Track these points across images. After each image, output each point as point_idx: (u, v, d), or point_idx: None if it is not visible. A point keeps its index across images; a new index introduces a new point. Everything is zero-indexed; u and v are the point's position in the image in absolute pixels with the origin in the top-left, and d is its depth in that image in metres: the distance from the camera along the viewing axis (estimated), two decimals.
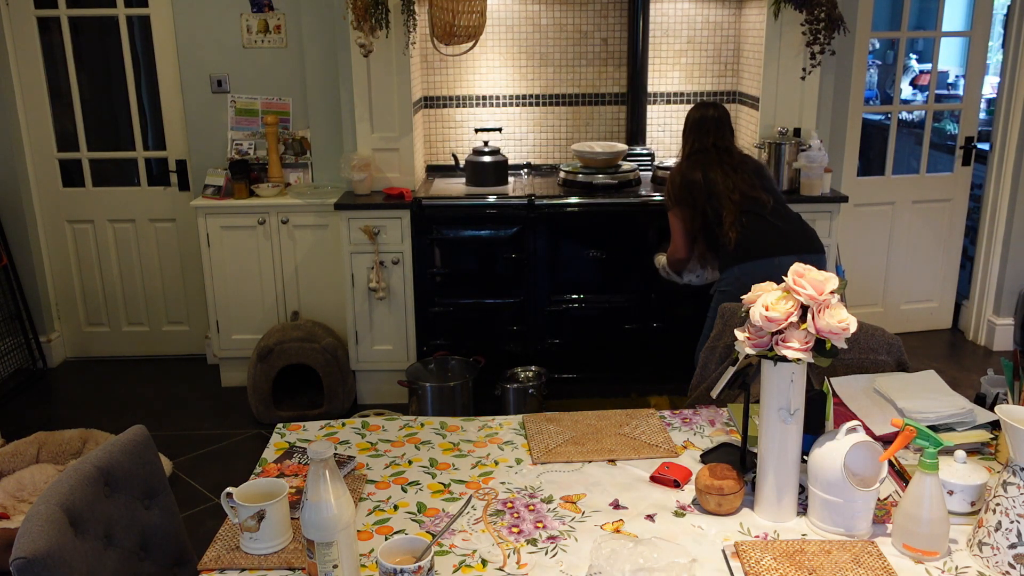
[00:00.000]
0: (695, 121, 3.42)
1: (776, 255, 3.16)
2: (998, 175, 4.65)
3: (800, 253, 3.12)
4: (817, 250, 3.26)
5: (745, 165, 3.34)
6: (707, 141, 3.37)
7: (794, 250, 3.16)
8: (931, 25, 5.04)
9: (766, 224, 3.23)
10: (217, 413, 4.13)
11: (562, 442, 2.03)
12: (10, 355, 4.45)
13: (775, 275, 2.97)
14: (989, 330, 4.78)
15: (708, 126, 3.39)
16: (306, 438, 2.09)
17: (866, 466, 1.67)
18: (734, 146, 3.44)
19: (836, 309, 1.61)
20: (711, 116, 3.41)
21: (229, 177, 4.19)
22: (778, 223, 3.25)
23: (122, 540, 1.70)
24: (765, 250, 3.19)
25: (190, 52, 4.28)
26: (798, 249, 3.18)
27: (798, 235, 3.26)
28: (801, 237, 3.26)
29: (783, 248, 3.18)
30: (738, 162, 3.33)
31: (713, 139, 3.38)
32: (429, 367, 3.83)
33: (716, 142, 3.37)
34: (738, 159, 3.36)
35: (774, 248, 3.19)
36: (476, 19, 3.75)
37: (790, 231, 3.25)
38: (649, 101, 4.46)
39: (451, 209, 3.90)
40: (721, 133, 3.39)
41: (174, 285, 4.69)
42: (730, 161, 3.32)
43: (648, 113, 4.45)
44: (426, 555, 1.43)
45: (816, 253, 3.24)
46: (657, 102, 4.50)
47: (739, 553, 1.57)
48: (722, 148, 3.37)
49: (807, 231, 3.31)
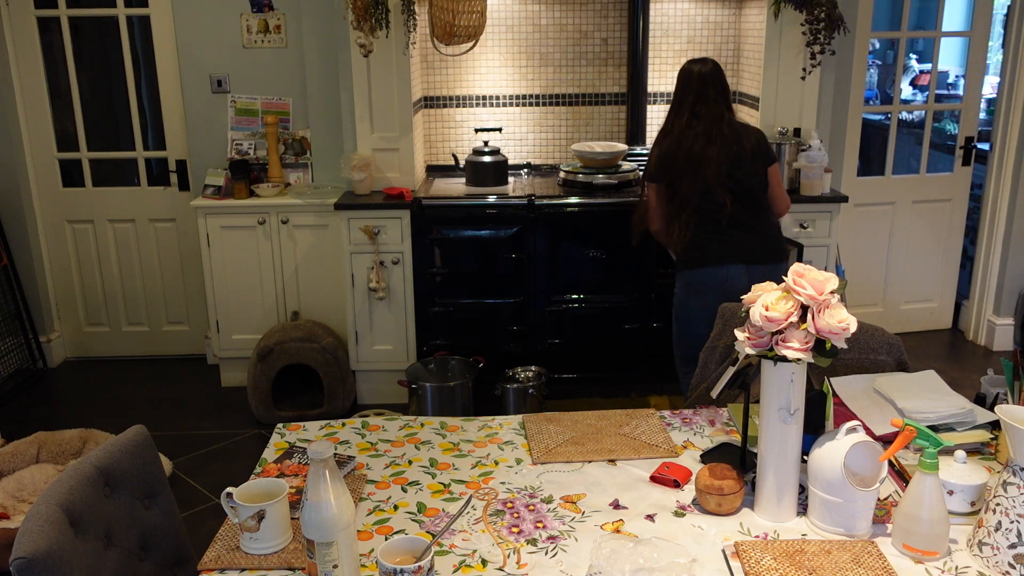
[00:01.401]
0: (679, 79, 3.13)
1: (726, 264, 2.99)
2: (998, 175, 4.65)
3: (757, 264, 2.96)
4: (776, 259, 3.04)
5: (727, 144, 3.02)
6: (685, 104, 3.07)
7: (749, 259, 2.99)
8: (931, 25, 5.04)
9: (719, 231, 3.02)
10: (217, 413, 4.13)
11: (562, 442, 2.02)
12: (10, 355, 4.45)
13: (724, 286, 2.95)
14: (989, 330, 4.78)
15: (691, 86, 3.08)
16: (306, 438, 2.09)
17: (866, 466, 1.67)
18: (722, 114, 3.08)
19: (836, 309, 1.61)
20: (696, 73, 3.09)
21: (229, 177, 4.20)
22: (733, 231, 3.01)
23: (122, 540, 1.70)
24: (717, 259, 3.00)
25: (190, 52, 4.28)
26: (752, 259, 2.99)
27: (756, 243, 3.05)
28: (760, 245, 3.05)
29: (736, 258, 2.99)
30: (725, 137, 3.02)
31: (692, 101, 3.05)
32: (429, 367, 3.83)
33: (698, 108, 3.05)
34: (727, 134, 3.04)
35: (726, 257, 3.00)
36: (476, 19, 3.75)
37: (746, 239, 3.03)
38: (649, 101, 4.46)
39: (451, 209, 3.90)
40: (703, 95, 3.06)
41: (174, 285, 4.69)
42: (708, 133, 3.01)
43: (648, 113, 4.45)
44: (426, 555, 1.42)
45: (775, 263, 3.01)
46: (657, 102, 4.50)
47: (739, 553, 1.57)
48: (706, 117, 3.04)
49: (769, 236, 3.09)
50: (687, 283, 3.08)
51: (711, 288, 2.98)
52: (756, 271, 2.90)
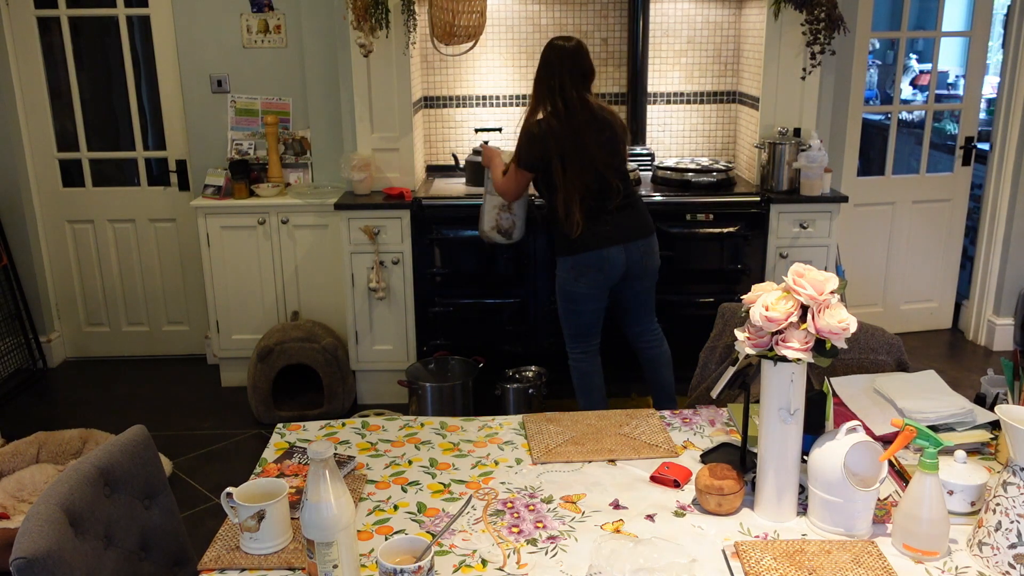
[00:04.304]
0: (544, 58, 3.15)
1: (606, 247, 3.18)
2: (998, 175, 4.65)
3: (629, 242, 3.19)
4: (647, 234, 3.26)
5: (603, 129, 3.14)
6: (555, 84, 3.10)
7: (626, 238, 3.19)
8: (931, 25, 5.04)
9: (608, 215, 3.18)
10: (217, 413, 4.13)
11: (562, 442, 2.03)
12: (10, 355, 4.45)
13: (605, 265, 3.19)
14: (989, 330, 4.78)
15: (557, 65, 3.10)
16: (306, 438, 2.09)
17: (866, 466, 1.67)
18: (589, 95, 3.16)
19: (836, 309, 1.61)
20: (565, 49, 3.11)
21: (229, 177, 4.20)
22: (619, 213, 3.19)
23: (122, 540, 1.70)
24: (600, 242, 3.18)
25: (190, 52, 4.28)
26: (627, 238, 3.20)
27: (633, 221, 3.24)
28: (635, 223, 3.24)
29: (616, 239, 3.18)
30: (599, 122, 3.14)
31: (559, 83, 3.10)
32: (429, 367, 3.83)
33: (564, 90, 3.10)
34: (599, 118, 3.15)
35: (608, 240, 3.18)
36: (476, 19, 3.75)
37: (626, 220, 3.22)
38: (649, 101, 4.45)
39: (451, 209, 3.90)
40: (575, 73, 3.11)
41: (174, 285, 4.69)
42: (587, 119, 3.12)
43: (648, 113, 4.45)
44: (426, 555, 1.43)
45: (645, 238, 3.25)
46: (657, 102, 4.50)
47: (739, 553, 1.57)
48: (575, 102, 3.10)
49: (641, 212, 3.28)
50: (571, 266, 3.24)
51: (595, 268, 3.23)
52: (632, 248, 3.23)
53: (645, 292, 3.38)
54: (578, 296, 3.30)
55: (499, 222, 3.49)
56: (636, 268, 3.28)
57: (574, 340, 3.44)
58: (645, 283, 3.36)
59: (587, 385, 3.50)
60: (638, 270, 3.29)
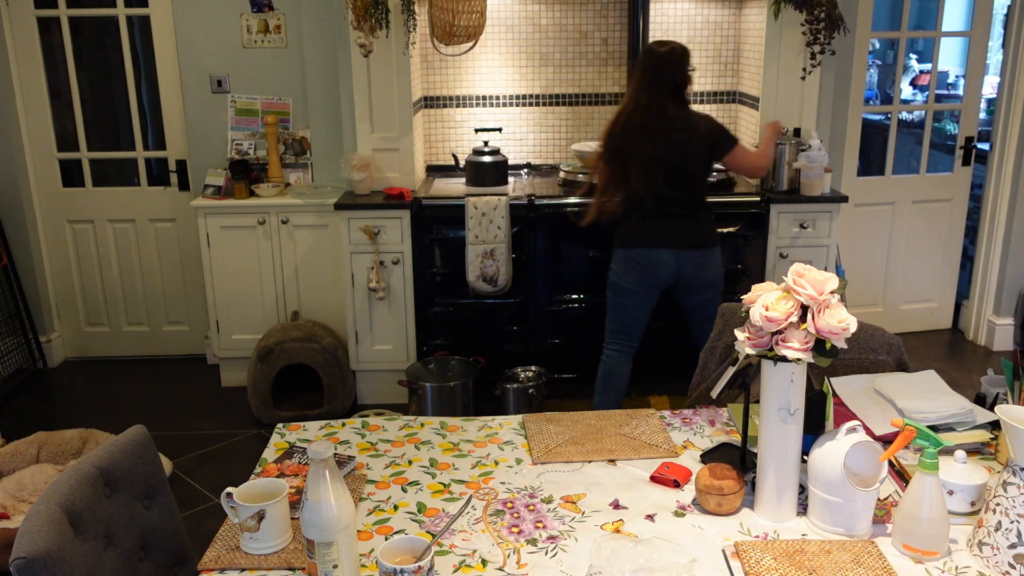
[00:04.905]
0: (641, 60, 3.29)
1: (657, 247, 3.28)
2: (998, 175, 4.65)
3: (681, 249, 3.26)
4: (702, 246, 3.31)
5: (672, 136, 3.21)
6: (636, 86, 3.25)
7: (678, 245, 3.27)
8: (931, 25, 5.04)
9: (650, 218, 3.28)
10: (217, 413, 4.13)
11: (562, 442, 2.02)
12: (10, 355, 4.45)
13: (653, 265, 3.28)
14: (989, 330, 4.78)
15: (641, 67, 3.26)
16: (306, 438, 2.09)
17: (866, 466, 1.67)
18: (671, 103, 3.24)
19: (836, 309, 1.61)
20: (658, 54, 3.23)
21: (229, 177, 4.20)
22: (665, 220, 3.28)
23: (122, 540, 1.70)
24: (647, 241, 3.29)
25: (190, 52, 4.28)
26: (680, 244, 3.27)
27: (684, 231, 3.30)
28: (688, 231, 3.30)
29: (667, 243, 3.27)
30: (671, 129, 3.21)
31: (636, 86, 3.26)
32: (429, 367, 3.83)
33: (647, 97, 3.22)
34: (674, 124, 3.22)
35: (655, 241, 3.28)
36: (476, 19, 3.76)
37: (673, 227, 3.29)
38: None
39: (451, 209, 3.90)
40: (658, 79, 3.21)
41: (174, 285, 4.69)
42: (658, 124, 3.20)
43: None
44: (426, 555, 1.43)
45: (701, 249, 3.30)
46: None
47: (739, 553, 1.57)
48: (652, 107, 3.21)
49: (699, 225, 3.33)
50: (621, 259, 3.36)
51: (642, 265, 3.32)
52: (684, 256, 3.30)
53: (707, 302, 3.34)
54: (622, 290, 3.38)
55: (483, 270, 3.68)
56: (687, 278, 3.33)
57: (613, 335, 3.49)
58: (706, 294, 3.36)
59: (609, 385, 3.51)
60: (690, 280, 3.33)
